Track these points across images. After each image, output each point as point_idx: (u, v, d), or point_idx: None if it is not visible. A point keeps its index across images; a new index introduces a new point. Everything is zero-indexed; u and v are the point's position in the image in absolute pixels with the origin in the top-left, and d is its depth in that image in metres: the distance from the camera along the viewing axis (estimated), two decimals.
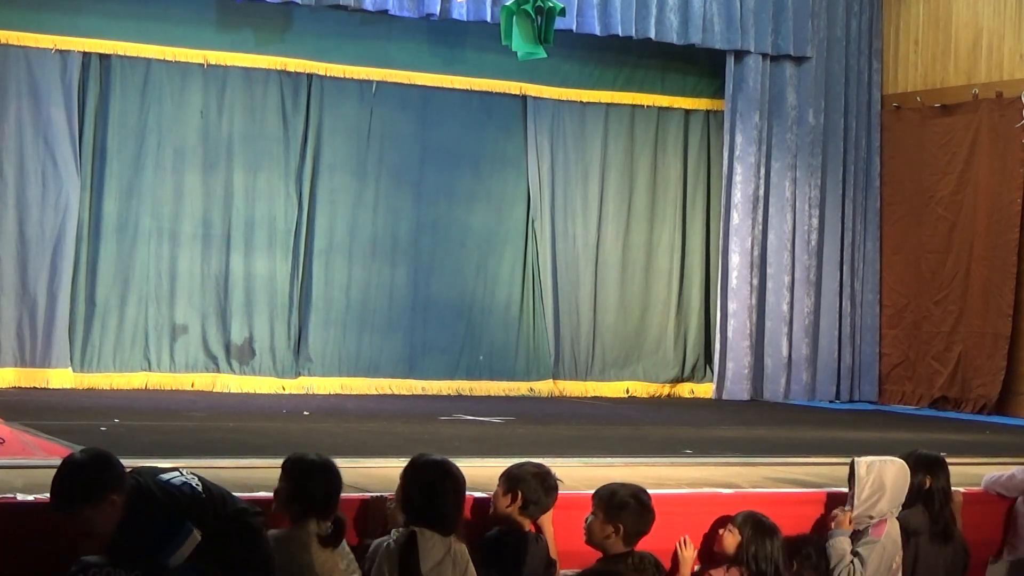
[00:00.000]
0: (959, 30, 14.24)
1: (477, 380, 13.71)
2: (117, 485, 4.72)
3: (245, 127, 12.99)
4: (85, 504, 4.67)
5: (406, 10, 12.73)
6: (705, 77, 14.78)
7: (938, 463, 6.85)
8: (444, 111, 13.72)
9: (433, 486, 5.29)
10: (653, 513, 5.79)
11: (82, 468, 4.75)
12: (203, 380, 12.61)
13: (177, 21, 12.56)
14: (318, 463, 5.28)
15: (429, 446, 8.44)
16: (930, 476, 6.77)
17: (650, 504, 5.79)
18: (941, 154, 14.28)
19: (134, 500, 4.72)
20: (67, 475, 4.73)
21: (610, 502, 5.73)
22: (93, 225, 12.41)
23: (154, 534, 4.70)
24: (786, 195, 14.51)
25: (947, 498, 6.81)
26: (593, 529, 5.75)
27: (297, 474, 5.25)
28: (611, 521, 5.69)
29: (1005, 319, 13.55)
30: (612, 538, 5.70)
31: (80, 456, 4.85)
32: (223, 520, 4.81)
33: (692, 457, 8.46)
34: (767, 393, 14.31)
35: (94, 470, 4.74)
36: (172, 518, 4.71)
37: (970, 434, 11.22)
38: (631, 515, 5.70)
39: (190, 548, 4.70)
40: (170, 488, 4.79)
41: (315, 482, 5.22)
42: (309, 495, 5.19)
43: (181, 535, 4.69)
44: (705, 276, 14.83)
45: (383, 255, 13.53)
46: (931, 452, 7.00)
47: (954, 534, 6.82)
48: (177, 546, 4.69)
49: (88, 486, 4.68)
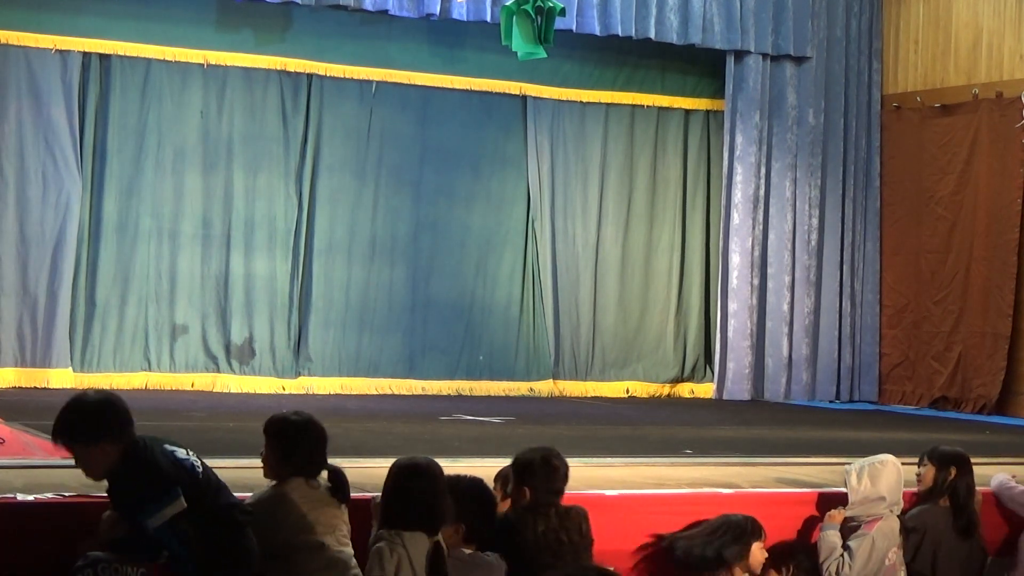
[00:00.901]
0: (959, 30, 14.24)
1: (477, 380, 13.71)
2: (114, 435, 4.77)
3: (245, 127, 12.99)
4: (75, 443, 4.77)
5: (406, 10, 12.73)
6: (705, 77, 14.78)
7: (963, 459, 6.89)
8: (444, 111, 13.72)
9: (405, 489, 5.24)
10: (563, 470, 5.80)
11: (83, 409, 4.83)
12: (203, 380, 12.61)
13: (177, 21, 12.56)
14: (299, 422, 5.32)
15: (429, 446, 8.47)
16: (956, 470, 6.79)
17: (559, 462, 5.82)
18: (941, 154, 14.28)
19: (131, 455, 4.77)
20: (69, 411, 4.82)
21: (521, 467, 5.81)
22: (93, 225, 12.42)
23: (142, 492, 4.73)
24: (786, 195, 14.52)
25: (971, 493, 6.83)
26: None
27: (278, 434, 5.28)
28: (522, 484, 5.75)
29: (1005, 319, 13.55)
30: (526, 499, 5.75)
31: (90, 396, 4.90)
32: (213, 509, 4.82)
33: (692, 457, 8.46)
34: (767, 393, 14.32)
35: (94, 414, 4.80)
36: (163, 482, 4.74)
37: (970, 434, 11.20)
38: (540, 476, 5.75)
39: (172, 512, 4.70)
40: (171, 458, 4.83)
41: (298, 440, 5.26)
42: (294, 453, 5.23)
43: (167, 498, 4.71)
44: (705, 276, 14.83)
45: (383, 255, 13.53)
46: (955, 448, 7.01)
47: (976, 531, 6.84)
48: (161, 507, 4.70)
49: (82, 428, 4.76)
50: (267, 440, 5.32)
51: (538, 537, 5.62)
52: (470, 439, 9.43)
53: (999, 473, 7.43)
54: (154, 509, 4.70)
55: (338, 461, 5.45)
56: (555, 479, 5.81)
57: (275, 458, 5.29)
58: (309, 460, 5.29)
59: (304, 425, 5.33)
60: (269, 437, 5.32)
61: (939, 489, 6.76)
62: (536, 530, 5.64)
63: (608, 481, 6.94)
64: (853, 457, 6.82)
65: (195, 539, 4.75)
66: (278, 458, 5.29)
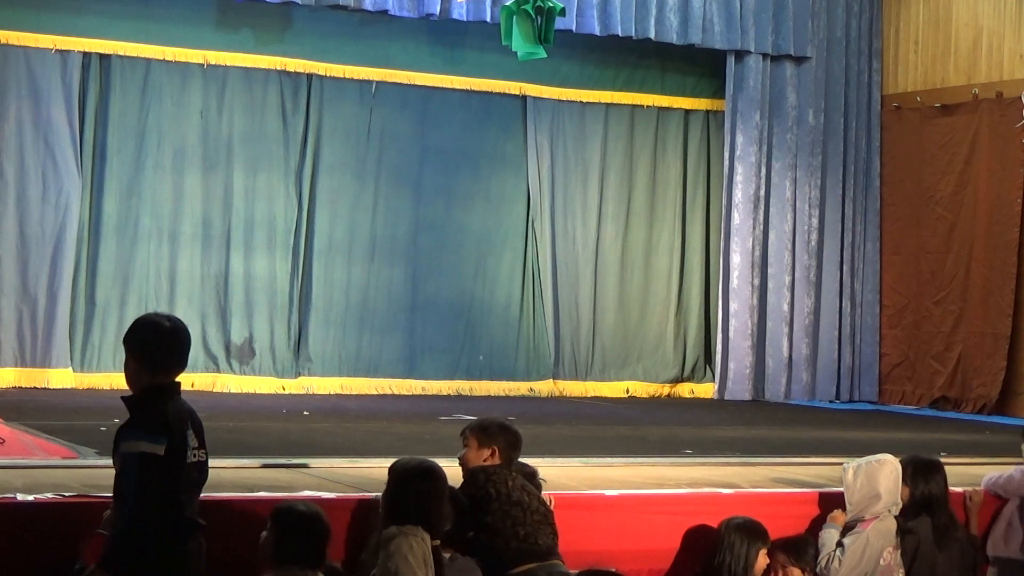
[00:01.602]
0: (959, 30, 14.23)
1: (477, 380, 13.71)
2: (146, 363, 4.88)
3: (245, 127, 12.99)
4: (126, 348, 4.98)
5: (406, 10, 12.73)
6: (705, 77, 14.78)
7: (932, 467, 6.83)
8: (444, 111, 13.71)
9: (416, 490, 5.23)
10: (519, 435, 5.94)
11: (147, 327, 4.99)
12: (203, 380, 12.59)
13: (177, 21, 12.56)
14: (308, 514, 5.05)
15: (429, 446, 8.46)
16: (926, 482, 6.75)
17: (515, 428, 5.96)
18: (941, 154, 14.28)
19: (153, 390, 4.85)
20: (138, 324, 5.04)
21: (483, 431, 5.88)
22: (93, 225, 12.42)
23: (137, 419, 4.76)
24: (786, 195, 14.52)
25: (944, 503, 6.79)
26: (469, 458, 5.85)
27: (284, 524, 5.01)
28: (486, 446, 5.82)
29: (1005, 319, 13.55)
30: (489, 460, 5.80)
31: (165, 323, 5.00)
32: (177, 515, 4.73)
33: (692, 457, 8.46)
34: (768, 393, 14.31)
35: (150, 336, 4.94)
36: (158, 424, 4.72)
37: (970, 434, 11.22)
38: (504, 437, 5.85)
39: (147, 449, 4.64)
40: (180, 428, 4.79)
41: (302, 533, 5.00)
42: (295, 545, 4.97)
43: (150, 436, 4.68)
44: (705, 276, 14.83)
45: (383, 255, 13.53)
46: (926, 457, 6.97)
47: (955, 536, 6.81)
48: (139, 438, 4.67)
49: (130, 339, 4.97)
50: (271, 526, 5.03)
51: (510, 491, 5.68)
52: None
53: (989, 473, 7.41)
54: (134, 436, 4.69)
55: (338, 461, 5.45)
56: (517, 442, 5.90)
57: (274, 545, 4.98)
58: (308, 553, 5.01)
59: (312, 517, 5.05)
60: (273, 522, 5.03)
61: (917, 504, 6.73)
62: (508, 485, 5.69)
63: (608, 481, 6.94)
64: (853, 457, 6.81)
65: (147, 514, 4.65)
66: (278, 546, 4.98)
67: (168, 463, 4.67)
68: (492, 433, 5.88)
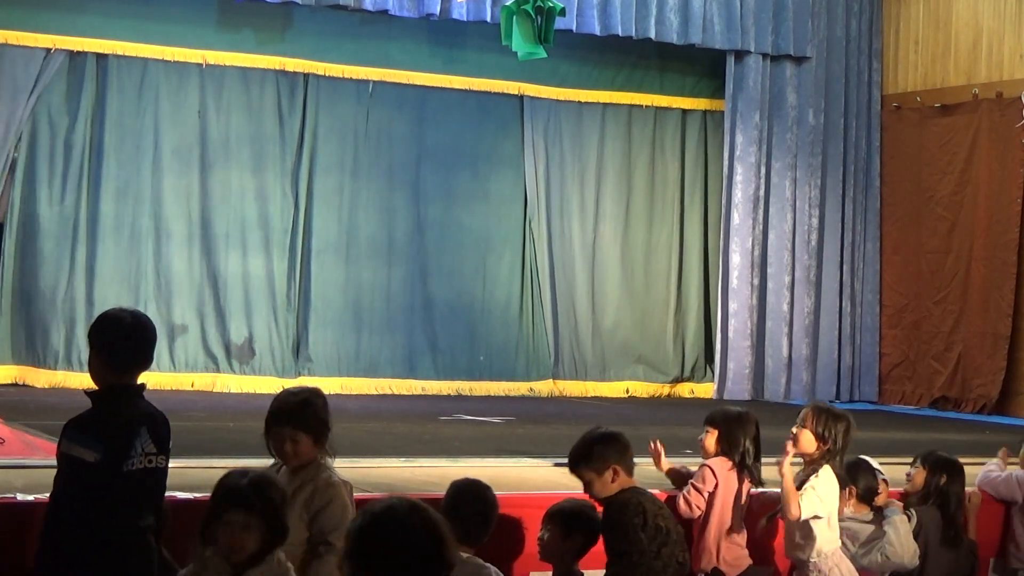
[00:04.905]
0: (959, 30, 14.24)
1: (477, 380, 13.70)
2: (105, 358, 4.76)
3: (242, 127, 12.98)
4: (89, 343, 4.84)
5: (406, 10, 12.72)
6: (704, 77, 14.78)
7: (956, 468, 6.85)
8: (441, 111, 13.71)
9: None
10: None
11: (109, 322, 4.84)
12: (203, 380, 12.60)
13: (175, 21, 12.55)
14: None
15: (429, 446, 8.46)
16: (947, 477, 6.76)
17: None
18: (941, 154, 14.28)
19: (112, 390, 4.74)
20: (101, 319, 4.88)
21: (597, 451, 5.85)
22: (91, 224, 12.40)
23: (85, 416, 4.67)
24: (786, 195, 14.52)
25: (960, 503, 6.81)
26: (594, 485, 5.75)
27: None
28: (609, 466, 5.72)
29: (1005, 319, 13.55)
30: (616, 480, 5.72)
31: (125, 318, 4.85)
32: (114, 522, 4.59)
33: (692, 457, 8.43)
34: (767, 393, 14.31)
35: (112, 331, 4.80)
36: (99, 428, 4.61)
37: (970, 434, 11.21)
38: (621, 453, 5.80)
39: (78, 455, 4.53)
40: (131, 433, 4.64)
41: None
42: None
43: (87, 441, 4.56)
44: (704, 276, 14.83)
45: (380, 255, 13.52)
46: (951, 456, 6.99)
47: (963, 539, 6.82)
48: (77, 441, 4.56)
49: (93, 334, 4.83)
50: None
51: (647, 519, 5.60)
52: (470, 439, 9.42)
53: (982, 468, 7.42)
54: (69, 436, 4.60)
55: (338, 461, 5.43)
56: (629, 457, 5.83)
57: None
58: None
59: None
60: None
61: (927, 493, 6.74)
62: (642, 512, 5.62)
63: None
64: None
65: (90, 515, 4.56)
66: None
67: (100, 470, 4.55)
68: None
